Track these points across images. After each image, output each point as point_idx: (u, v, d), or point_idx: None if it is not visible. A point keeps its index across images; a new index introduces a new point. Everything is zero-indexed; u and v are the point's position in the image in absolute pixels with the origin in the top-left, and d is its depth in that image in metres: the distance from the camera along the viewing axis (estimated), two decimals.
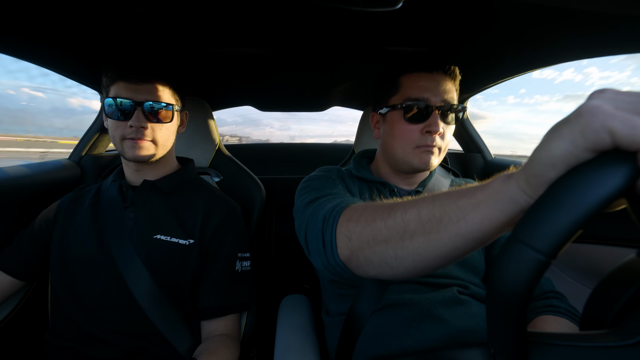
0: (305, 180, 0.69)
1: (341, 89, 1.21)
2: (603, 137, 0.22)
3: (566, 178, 0.23)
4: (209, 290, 0.74)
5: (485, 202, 0.31)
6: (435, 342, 0.58)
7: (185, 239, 0.73)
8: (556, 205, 0.23)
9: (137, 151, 0.71)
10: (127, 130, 0.70)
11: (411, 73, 0.68)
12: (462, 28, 0.66)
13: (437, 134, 0.64)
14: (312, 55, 0.85)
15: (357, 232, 0.41)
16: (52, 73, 0.90)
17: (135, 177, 0.79)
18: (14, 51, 0.74)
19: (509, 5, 0.55)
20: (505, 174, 0.31)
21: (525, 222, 0.24)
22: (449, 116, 0.66)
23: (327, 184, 0.63)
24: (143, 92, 0.70)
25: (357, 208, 0.45)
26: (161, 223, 0.74)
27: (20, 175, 0.86)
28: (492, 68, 0.89)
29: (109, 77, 0.71)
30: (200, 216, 0.76)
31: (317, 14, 0.61)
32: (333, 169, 0.74)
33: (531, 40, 0.69)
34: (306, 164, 1.65)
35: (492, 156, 1.35)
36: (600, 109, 0.22)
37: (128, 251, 0.70)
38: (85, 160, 1.12)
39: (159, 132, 0.73)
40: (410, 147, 0.67)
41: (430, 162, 0.66)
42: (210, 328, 0.73)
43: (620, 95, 0.23)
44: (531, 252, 0.23)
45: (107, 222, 0.73)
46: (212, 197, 0.81)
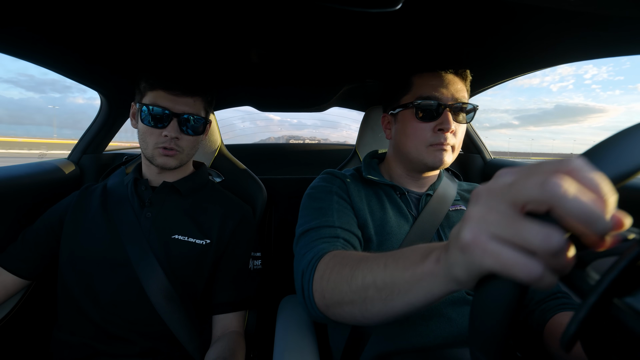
0: (309, 190, 0.72)
1: (342, 90, 1.21)
2: (485, 270, 0.24)
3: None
4: (225, 287, 0.77)
5: (425, 280, 0.32)
6: (443, 340, 0.59)
7: (202, 239, 0.76)
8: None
9: (167, 161, 0.74)
10: (161, 138, 0.73)
11: (423, 73, 0.70)
12: (462, 28, 0.66)
13: (449, 131, 0.66)
14: (313, 55, 0.85)
15: (328, 291, 0.45)
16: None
17: (155, 178, 0.81)
18: (13, 50, 0.73)
19: (509, 5, 0.55)
20: (436, 251, 0.31)
21: None
22: (460, 115, 0.68)
23: (324, 205, 0.65)
24: (182, 104, 0.73)
25: (329, 264, 0.48)
26: (179, 223, 0.76)
27: (19, 175, 0.86)
28: (493, 68, 0.89)
29: (149, 83, 0.74)
30: (216, 221, 0.80)
31: (317, 15, 0.61)
32: (336, 177, 0.74)
33: (534, 41, 0.70)
34: (307, 165, 1.66)
35: (491, 157, 1.35)
36: (473, 246, 0.23)
37: (144, 250, 0.71)
38: (85, 160, 1.12)
39: (189, 143, 0.77)
40: (423, 145, 0.68)
41: (444, 159, 0.67)
42: (223, 323, 0.76)
43: (492, 213, 0.23)
44: None
45: (121, 221, 0.74)
46: (227, 202, 0.85)
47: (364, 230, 0.66)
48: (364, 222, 0.67)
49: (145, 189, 0.79)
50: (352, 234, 0.61)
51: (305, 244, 0.58)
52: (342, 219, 0.62)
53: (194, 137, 0.77)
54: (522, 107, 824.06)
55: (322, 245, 0.55)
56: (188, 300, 0.73)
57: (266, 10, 0.60)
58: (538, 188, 0.21)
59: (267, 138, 13.04)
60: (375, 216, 0.68)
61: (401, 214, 0.70)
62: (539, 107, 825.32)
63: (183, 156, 0.77)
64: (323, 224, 0.61)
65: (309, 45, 0.77)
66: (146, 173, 0.82)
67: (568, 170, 0.21)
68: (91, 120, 1.13)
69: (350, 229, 0.62)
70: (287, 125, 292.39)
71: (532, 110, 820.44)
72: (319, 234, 0.58)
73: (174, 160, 0.75)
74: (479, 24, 0.64)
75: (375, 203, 0.71)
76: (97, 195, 0.79)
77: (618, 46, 0.65)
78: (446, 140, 0.66)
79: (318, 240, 0.57)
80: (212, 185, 0.89)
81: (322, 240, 0.57)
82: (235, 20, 0.65)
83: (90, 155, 1.13)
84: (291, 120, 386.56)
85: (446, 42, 0.74)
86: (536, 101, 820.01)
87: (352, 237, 0.60)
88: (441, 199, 0.72)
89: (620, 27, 0.57)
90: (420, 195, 0.74)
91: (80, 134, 1.16)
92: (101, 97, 1.07)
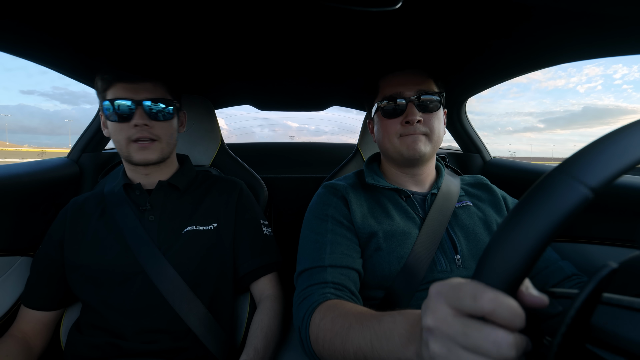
0: (309, 210, 0.74)
1: (341, 89, 1.21)
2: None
3: None
4: (247, 256, 0.79)
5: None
6: None
7: (209, 225, 0.77)
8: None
9: (145, 154, 0.72)
10: (131, 131, 0.70)
11: (386, 75, 0.76)
12: (462, 28, 0.66)
13: (415, 122, 0.69)
14: (312, 54, 0.85)
15: (325, 356, 0.50)
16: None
17: (146, 180, 0.79)
18: (13, 49, 0.73)
19: (510, 6, 0.55)
20: (417, 343, 0.33)
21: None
22: (427, 105, 0.71)
23: (319, 238, 0.66)
24: (142, 91, 0.71)
25: (320, 326, 0.51)
26: (186, 217, 0.76)
27: (18, 174, 0.86)
28: (493, 68, 0.89)
29: (105, 81, 0.71)
30: (218, 204, 0.81)
31: (317, 14, 0.61)
32: (336, 193, 0.74)
33: (533, 41, 0.70)
34: (308, 163, 1.65)
35: (491, 156, 1.36)
36: (440, 358, 0.26)
37: (155, 256, 0.70)
38: (84, 158, 1.11)
39: (162, 131, 0.73)
40: (395, 137, 0.72)
41: (418, 147, 0.70)
42: (258, 288, 0.80)
43: (452, 325, 0.26)
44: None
45: (126, 228, 0.72)
46: (222, 184, 0.86)
47: (372, 240, 0.67)
48: (371, 233, 0.67)
49: (140, 194, 0.77)
50: (343, 270, 0.62)
51: (300, 290, 0.61)
52: (334, 253, 0.63)
53: (165, 122, 0.74)
54: (547, 110, 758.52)
55: (312, 297, 0.58)
56: (204, 294, 0.73)
57: (267, 9, 0.60)
58: (471, 302, 0.25)
59: None
60: (383, 225, 0.68)
61: (408, 218, 0.70)
62: (565, 110, 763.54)
63: (163, 145, 0.74)
64: (315, 264, 0.63)
65: (308, 44, 0.77)
66: (134, 177, 0.79)
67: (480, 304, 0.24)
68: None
69: (342, 263, 0.63)
70: (305, 131, 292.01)
71: (559, 112, 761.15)
72: (311, 279, 0.61)
73: (153, 153, 0.72)
74: (479, 23, 0.64)
75: (380, 211, 0.71)
76: (94, 205, 0.77)
77: (619, 46, 0.65)
78: (415, 130, 0.69)
79: (309, 289, 0.60)
80: (202, 174, 0.89)
81: (312, 287, 0.60)
82: (235, 18, 0.65)
83: (90, 154, 1.13)
84: (309, 127, 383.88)
85: (446, 43, 0.74)
86: (562, 103, 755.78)
87: (341, 276, 0.61)
88: (446, 197, 0.73)
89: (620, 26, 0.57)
90: (424, 196, 0.74)
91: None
92: None
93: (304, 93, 1.30)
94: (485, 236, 0.69)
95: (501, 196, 0.78)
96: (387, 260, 0.65)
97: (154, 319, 0.68)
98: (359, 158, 1.12)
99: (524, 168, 1.12)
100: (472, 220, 0.71)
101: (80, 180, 1.09)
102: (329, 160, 1.51)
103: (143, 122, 0.69)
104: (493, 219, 0.72)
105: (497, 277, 0.24)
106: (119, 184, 0.78)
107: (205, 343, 0.69)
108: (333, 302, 0.55)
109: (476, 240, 0.68)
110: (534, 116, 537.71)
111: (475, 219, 0.71)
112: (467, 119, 1.33)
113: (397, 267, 0.64)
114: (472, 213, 0.73)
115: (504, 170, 1.21)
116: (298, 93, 1.30)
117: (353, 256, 0.65)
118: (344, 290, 0.60)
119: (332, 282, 0.59)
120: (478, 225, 0.70)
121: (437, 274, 0.64)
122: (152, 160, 0.73)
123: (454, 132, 1.39)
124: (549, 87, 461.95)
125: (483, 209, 0.74)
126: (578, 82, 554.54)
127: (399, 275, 0.63)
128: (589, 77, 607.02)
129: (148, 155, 0.72)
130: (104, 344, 0.66)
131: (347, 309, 0.51)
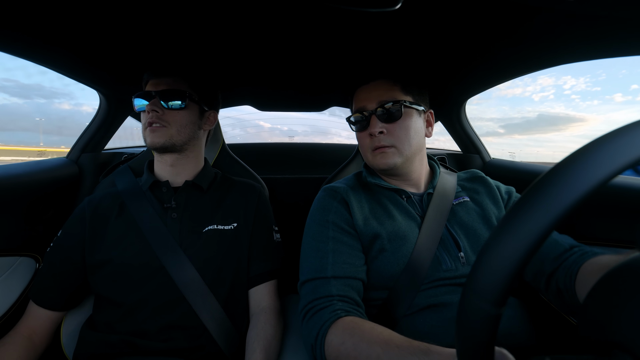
0: (309, 215, 0.74)
1: (341, 89, 1.21)
2: None
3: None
4: (259, 258, 0.81)
5: None
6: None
7: (229, 225, 0.80)
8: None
9: (152, 136, 0.76)
10: (147, 117, 0.76)
11: (356, 89, 0.78)
12: (462, 28, 0.66)
13: (377, 134, 0.70)
14: (312, 54, 0.85)
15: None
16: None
17: (173, 178, 0.82)
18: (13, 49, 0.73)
19: (510, 6, 0.55)
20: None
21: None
22: (389, 115, 0.70)
23: (320, 246, 0.66)
24: (162, 84, 0.79)
25: (344, 346, 0.51)
26: (208, 216, 0.79)
27: (18, 174, 0.86)
28: (492, 69, 0.89)
29: (144, 82, 0.81)
30: (238, 205, 0.84)
31: (317, 14, 0.61)
32: (335, 197, 0.74)
33: (531, 42, 0.70)
34: (308, 164, 1.65)
35: (490, 157, 1.36)
36: None
37: (176, 253, 0.72)
38: (84, 158, 1.11)
39: (172, 118, 0.78)
40: (368, 151, 0.74)
41: (387, 161, 0.71)
42: (256, 296, 0.79)
43: None
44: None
45: (146, 226, 0.74)
46: (241, 185, 0.90)
47: (376, 242, 0.67)
48: (375, 234, 0.67)
49: (167, 191, 0.80)
50: (347, 281, 0.62)
51: (305, 303, 0.61)
52: (337, 263, 0.63)
53: (177, 111, 0.78)
54: (506, 116, 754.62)
55: (322, 314, 0.57)
56: (221, 295, 0.74)
57: (266, 9, 0.60)
58: None
59: None
60: (386, 225, 0.69)
61: (410, 217, 0.71)
62: (522, 116, 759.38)
63: (172, 132, 0.77)
64: (318, 274, 0.63)
65: (308, 44, 0.77)
66: (161, 172, 0.83)
67: None
68: (78, 126, 1.13)
69: (345, 273, 0.63)
70: (277, 132, 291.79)
71: (517, 119, 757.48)
72: (316, 292, 0.61)
73: (161, 137, 0.76)
74: (479, 24, 0.64)
75: (381, 212, 0.71)
76: (111, 203, 0.79)
77: (619, 46, 0.65)
78: (380, 143, 0.70)
79: (315, 302, 0.60)
80: (221, 175, 0.92)
81: (318, 301, 0.60)
82: (234, 18, 0.65)
83: (89, 154, 1.13)
84: (282, 128, 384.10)
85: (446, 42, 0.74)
86: (520, 110, 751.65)
87: (345, 287, 0.61)
88: (442, 195, 0.74)
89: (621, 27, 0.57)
90: (421, 196, 0.75)
91: (66, 140, 1.15)
92: (100, 95, 1.06)
93: (303, 93, 1.30)
94: (484, 231, 0.69)
95: (495, 186, 0.79)
96: (392, 261, 0.65)
97: (172, 317, 0.69)
98: (360, 159, 1.12)
99: (524, 169, 1.12)
100: (471, 217, 0.72)
101: (79, 181, 1.08)
102: (330, 161, 1.51)
103: (151, 108, 0.75)
104: (491, 211, 0.73)
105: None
106: (148, 181, 0.80)
107: (218, 342, 0.69)
108: (348, 322, 0.54)
109: (476, 236, 0.69)
110: (495, 121, 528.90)
111: (473, 215, 0.72)
112: (466, 119, 1.33)
113: (401, 267, 0.64)
114: (470, 209, 0.73)
115: (503, 171, 1.21)
116: (298, 93, 1.30)
117: (356, 264, 0.65)
118: (351, 303, 0.60)
119: (337, 295, 0.60)
120: (477, 221, 0.71)
121: (442, 272, 0.64)
122: (159, 144, 0.76)
123: (453, 133, 1.39)
124: (508, 95, 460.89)
125: (480, 202, 0.75)
126: (533, 91, 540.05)
127: (402, 275, 0.64)
128: (542, 87, 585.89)
129: (154, 139, 0.76)
130: (119, 342, 0.66)
131: (367, 334, 0.50)
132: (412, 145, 0.72)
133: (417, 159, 0.75)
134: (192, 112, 0.81)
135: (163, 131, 0.76)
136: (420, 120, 0.75)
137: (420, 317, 0.62)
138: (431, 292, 0.63)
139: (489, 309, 0.23)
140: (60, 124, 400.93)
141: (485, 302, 0.23)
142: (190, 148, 0.83)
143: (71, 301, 0.76)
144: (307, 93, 1.29)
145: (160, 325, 0.68)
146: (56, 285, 0.74)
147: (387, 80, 0.74)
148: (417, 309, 0.62)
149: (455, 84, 1.05)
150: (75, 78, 0.94)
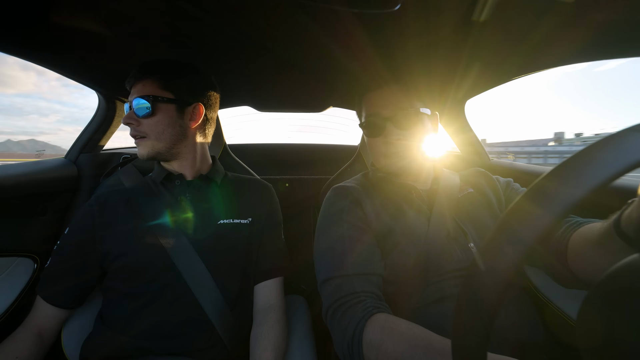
0: (321, 214, 0.74)
1: (340, 90, 1.21)
2: None
3: None
4: (269, 254, 0.83)
5: None
6: None
7: (245, 219, 0.81)
8: None
9: (139, 149, 0.75)
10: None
11: (366, 93, 0.77)
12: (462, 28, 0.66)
13: (395, 141, 0.70)
14: (311, 55, 0.85)
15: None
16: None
17: (182, 170, 0.82)
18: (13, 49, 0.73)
19: (510, 6, 0.55)
20: None
21: None
22: (404, 122, 0.70)
23: (337, 246, 0.66)
24: (134, 93, 0.74)
25: (384, 346, 0.50)
26: (222, 209, 0.79)
27: (16, 174, 0.85)
28: (493, 69, 0.89)
29: (128, 91, 0.77)
30: (252, 201, 0.85)
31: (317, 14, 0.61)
32: (347, 195, 0.74)
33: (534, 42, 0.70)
34: (309, 165, 1.65)
35: (490, 159, 1.35)
36: None
37: (184, 245, 0.72)
38: (82, 159, 1.11)
39: (148, 127, 0.74)
40: (382, 157, 0.75)
41: (402, 165, 0.72)
42: (264, 293, 0.79)
43: None
44: None
45: (158, 220, 0.74)
46: (254, 182, 0.92)
47: (390, 237, 0.68)
48: (388, 230, 0.68)
49: (180, 183, 0.80)
50: (368, 278, 0.62)
51: (331, 302, 0.60)
52: (356, 260, 0.63)
53: (149, 119, 0.73)
54: None
55: (354, 310, 0.57)
56: (230, 291, 0.73)
57: (266, 9, 0.60)
58: None
59: None
60: (398, 220, 0.70)
61: (420, 212, 0.72)
62: None
63: (152, 142, 0.74)
64: (339, 272, 0.62)
65: (307, 45, 0.77)
66: (172, 167, 0.81)
67: None
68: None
69: (366, 270, 0.63)
70: (277, 132, 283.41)
71: None
72: (340, 290, 0.60)
73: (144, 148, 0.74)
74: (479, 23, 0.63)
75: (393, 208, 0.72)
76: (118, 199, 0.78)
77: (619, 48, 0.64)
78: (395, 149, 0.71)
79: (342, 300, 0.59)
80: (231, 174, 0.93)
81: (345, 298, 0.59)
82: (234, 19, 0.64)
83: (88, 154, 1.13)
84: (281, 128, 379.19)
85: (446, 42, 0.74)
86: None
87: (367, 283, 0.61)
88: (447, 189, 0.75)
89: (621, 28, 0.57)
90: (428, 191, 0.78)
91: None
92: (99, 96, 1.06)
93: (303, 94, 1.30)
94: (490, 221, 0.71)
95: (495, 178, 0.81)
96: (406, 254, 0.66)
97: (181, 314, 0.68)
98: (361, 160, 1.12)
99: (524, 170, 1.12)
100: (476, 207, 0.73)
101: (78, 181, 1.08)
102: (330, 162, 1.51)
103: (127, 121, 0.73)
104: (493, 200, 0.75)
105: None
106: (161, 174, 0.80)
107: (225, 342, 0.69)
108: (383, 319, 0.54)
109: (482, 226, 0.70)
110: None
111: (478, 206, 0.74)
112: (466, 120, 1.33)
113: (414, 261, 0.65)
114: (475, 200, 0.75)
115: (503, 172, 1.21)
116: (297, 94, 1.30)
117: (374, 260, 0.65)
118: (378, 299, 0.60)
119: (362, 292, 0.59)
120: (483, 212, 0.73)
121: (455, 264, 0.65)
122: (144, 155, 0.75)
123: (453, 134, 1.39)
124: None
125: (485, 193, 0.77)
126: None
127: (414, 268, 0.64)
128: None
129: (140, 151, 0.75)
130: (129, 339, 0.66)
131: (406, 333, 0.51)
132: (425, 147, 0.74)
133: (426, 158, 0.78)
134: (166, 114, 0.74)
135: (144, 142, 0.74)
136: (430, 123, 0.77)
137: (432, 310, 0.62)
138: (443, 284, 0.64)
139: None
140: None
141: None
142: (184, 150, 0.79)
143: (79, 299, 0.76)
144: (306, 94, 1.29)
145: (177, 321, 0.68)
146: (66, 282, 0.73)
147: (400, 86, 0.74)
148: (429, 301, 0.63)
149: (455, 85, 1.05)
150: (75, 78, 0.94)
